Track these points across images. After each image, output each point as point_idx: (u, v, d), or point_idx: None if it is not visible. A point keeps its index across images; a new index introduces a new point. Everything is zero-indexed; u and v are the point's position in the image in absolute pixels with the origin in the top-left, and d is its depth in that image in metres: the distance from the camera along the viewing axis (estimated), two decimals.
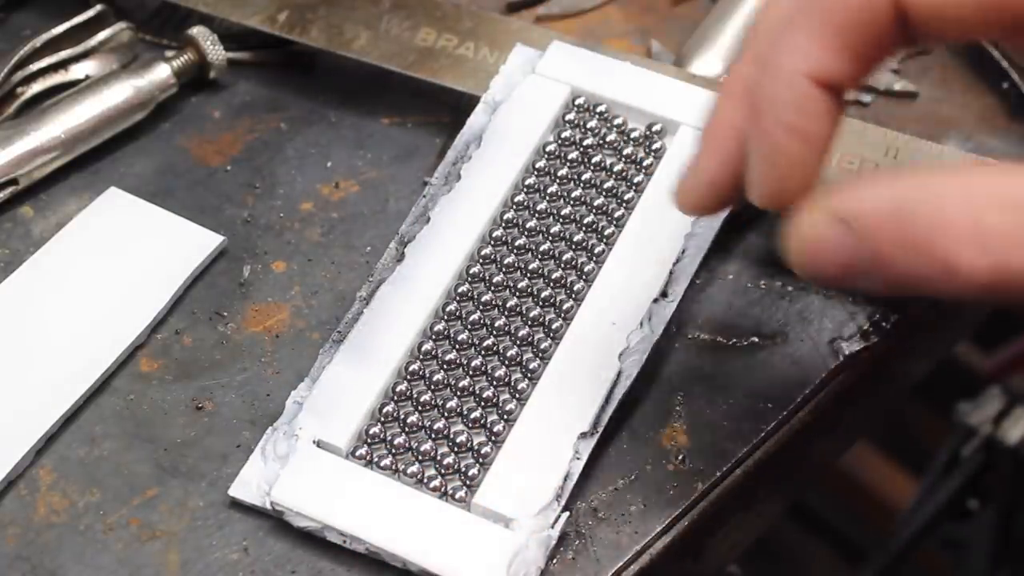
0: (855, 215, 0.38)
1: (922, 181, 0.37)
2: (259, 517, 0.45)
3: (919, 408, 1.24)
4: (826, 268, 0.38)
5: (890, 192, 0.37)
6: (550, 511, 0.44)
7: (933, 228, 0.36)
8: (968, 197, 0.36)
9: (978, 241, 0.36)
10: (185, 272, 0.51)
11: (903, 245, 0.37)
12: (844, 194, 0.38)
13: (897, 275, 0.37)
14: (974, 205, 0.36)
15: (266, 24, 0.57)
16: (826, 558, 1.28)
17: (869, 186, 0.38)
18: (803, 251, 0.39)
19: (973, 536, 1.10)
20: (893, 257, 0.37)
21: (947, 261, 0.36)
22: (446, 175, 0.52)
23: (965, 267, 0.36)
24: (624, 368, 0.47)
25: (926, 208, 0.37)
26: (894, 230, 0.37)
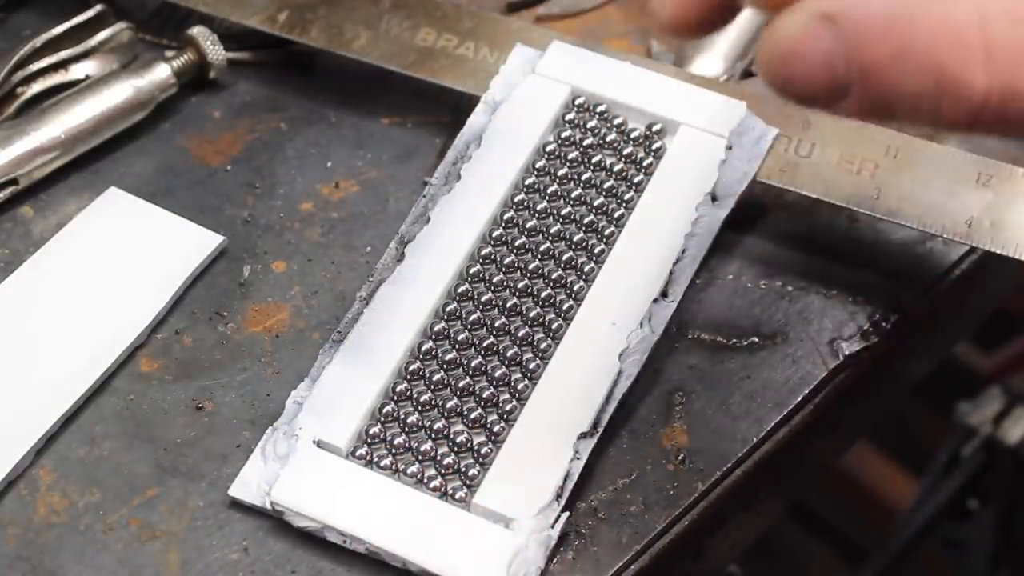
0: (845, 14, 0.33)
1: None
2: (259, 517, 0.45)
3: (919, 408, 1.24)
4: (805, 76, 0.34)
5: None
6: (550, 511, 0.44)
7: (935, 37, 0.33)
8: (978, 5, 0.33)
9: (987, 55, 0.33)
10: (185, 272, 0.51)
11: (898, 54, 0.33)
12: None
13: (887, 90, 0.34)
14: (984, 14, 0.33)
15: (266, 24, 0.57)
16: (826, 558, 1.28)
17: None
18: (781, 55, 0.34)
19: (973, 536, 1.10)
20: (886, 67, 0.33)
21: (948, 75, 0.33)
22: (446, 175, 0.52)
23: (968, 83, 0.33)
24: (624, 368, 0.47)
25: (929, 13, 0.33)
26: (890, 35, 0.33)
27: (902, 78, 0.33)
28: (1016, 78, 0.33)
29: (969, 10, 0.33)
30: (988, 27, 0.33)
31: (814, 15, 0.33)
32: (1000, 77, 0.33)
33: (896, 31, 0.33)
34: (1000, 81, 0.33)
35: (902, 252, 0.53)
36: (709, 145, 0.52)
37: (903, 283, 0.52)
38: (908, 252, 0.53)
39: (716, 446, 0.48)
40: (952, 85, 0.33)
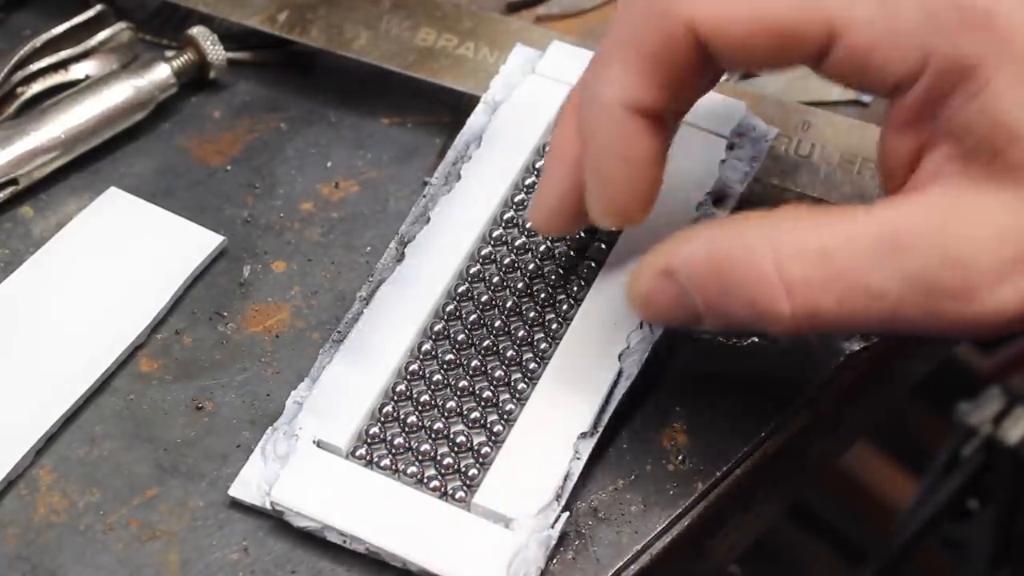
0: (676, 268, 0.42)
1: (736, 230, 0.41)
2: (259, 517, 0.46)
3: (919, 408, 1.24)
4: (663, 316, 0.43)
5: (707, 245, 0.41)
6: (550, 511, 0.44)
7: (745, 278, 0.40)
8: (774, 248, 0.39)
9: (786, 289, 0.39)
10: (185, 272, 0.51)
11: (721, 293, 0.41)
12: (668, 247, 0.42)
13: (724, 319, 0.41)
14: (779, 255, 0.39)
15: (266, 24, 0.57)
16: (826, 558, 1.28)
17: (689, 239, 0.42)
18: (640, 303, 0.43)
19: (973, 536, 1.10)
20: (716, 303, 0.41)
21: (761, 308, 0.40)
22: (446, 175, 0.52)
23: (776, 313, 0.39)
24: (624, 368, 0.47)
25: (738, 259, 0.40)
26: (713, 279, 0.41)
27: (731, 310, 0.41)
28: (811, 303, 0.39)
29: (767, 253, 0.39)
30: (783, 267, 0.39)
31: (657, 271, 0.42)
32: (800, 303, 0.39)
33: (718, 276, 0.41)
34: (801, 305, 0.39)
35: None
36: (709, 145, 0.52)
37: None
38: None
39: (716, 446, 0.48)
40: (766, 314, 0.40)
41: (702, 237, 0.41)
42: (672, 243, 0.42)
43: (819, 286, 0.39)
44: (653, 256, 0.42)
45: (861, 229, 0.39)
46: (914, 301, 0.39)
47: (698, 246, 0.41)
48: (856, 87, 0.43)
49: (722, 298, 0.41)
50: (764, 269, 0.39)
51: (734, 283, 0.40)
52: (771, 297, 0.39)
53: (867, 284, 0.39)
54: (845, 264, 0.39)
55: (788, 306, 0.39)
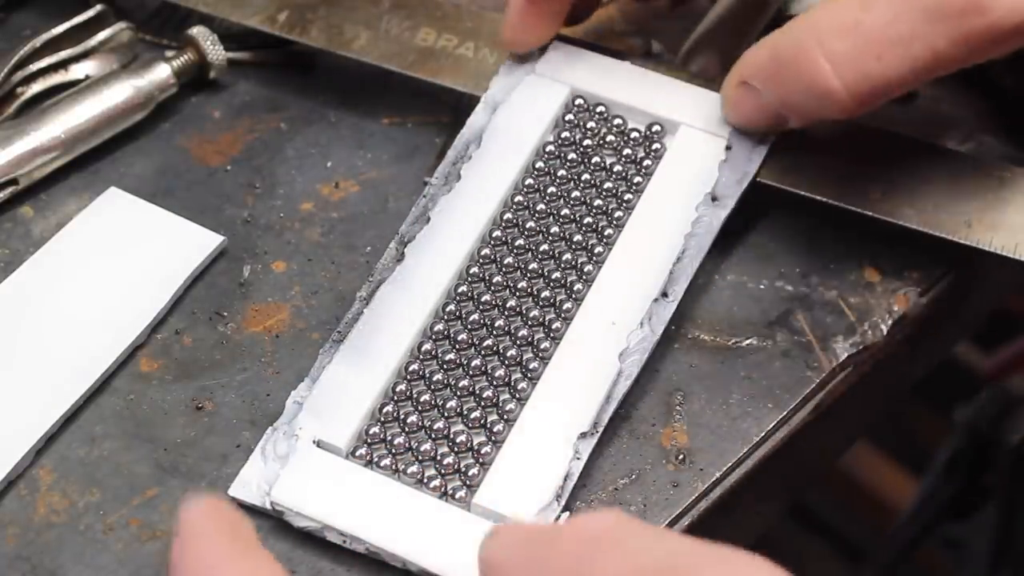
0: (747, 75, 0.49)
1: (788, 28, 0.47)
2: (259, 517, 0.45)
3: (919, 408, 1.23)
4: (752, 120, 0.50)
5: (768, 48, 0.48)
6: (550, 511, 0.44)
7: (797, 66, 0.46)
8: (815, 33, 0.45)
9: (833, 66, 0.45)
10: (185, 272, 0.51)
11: (788, 84, 0.47)
12: (743, 60, 0.49)
13: (798, 109, 0.48)
14: (821, 38, 0.45)
15: (266, 24, 0.57)
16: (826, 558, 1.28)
17: (756, 50, 0.48)
18: (732, 114, 0.51)
19: (973, 536, 1.10)
20: (788, 96, 0.47)
21: (818, 89, 0.46)
22: (446, 175, 0.52)
23: (831, 89, 0.45)
24: (624, 368, 0.47)
25: (788, 51, 0.46)
26: (776, 77, 0.47)
27: (802, 99, 0.47)
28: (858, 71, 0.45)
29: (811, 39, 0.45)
30: (826, 47, 0.45)
31: (735, 83, 0.50)
32: (848, 74, 0.45)
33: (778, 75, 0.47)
34: (850, 77, 0.45)
35: (902, 252, 0.53)
36: (709, 145, 0.52)
37: (903, 283, 0.52)
38: (908, 252, 0.53)
39: (716, 446, 0.48)
40: (823, 94, 0.46)
41: (765, 43, 0.48)
42: (744, 58, 0.49)
43: (860, 52, 0.45)
44: (733, 71, 0.50)
45: None
46: (941, 32, 0.44)
47: (762, 51, 0.48)
48: None
49: (789, 92, 0.47)
50: (810, 54, 0.45)
51: (790, 74, 0.46)
52: (822, 76, 0.45)
53: (897, 33, 0.44)
54: (875, 24, 0.44)
55: (839, 81, 0.45)
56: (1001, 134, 0.57)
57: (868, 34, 0.45)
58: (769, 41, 0.48)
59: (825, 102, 0.46)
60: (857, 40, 0.45)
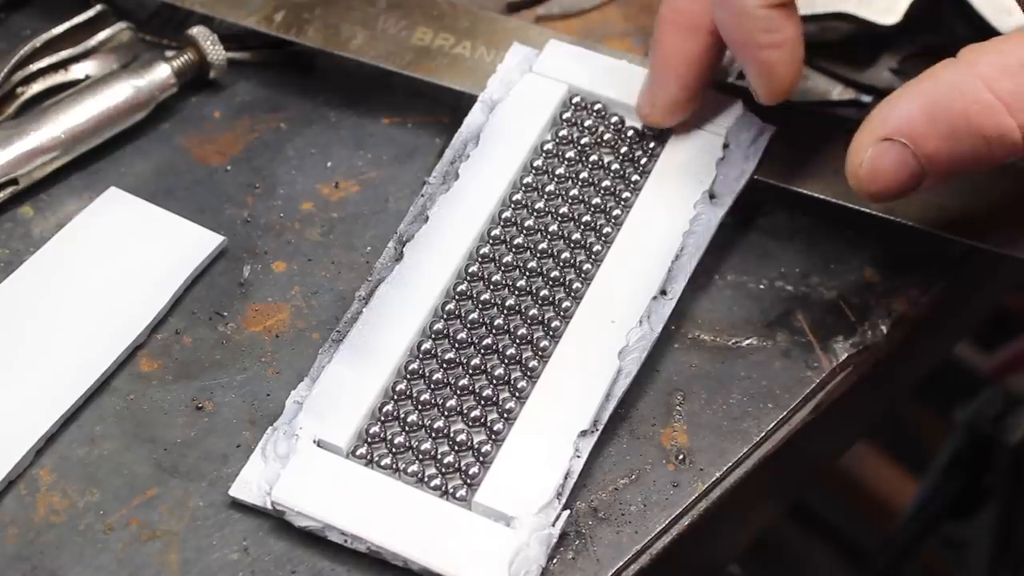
0: (894, 131, 0.44)
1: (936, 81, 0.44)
2: (259, 517, 0.46)
3: (919, 408, 1.23)
4: (890, 183, 0.45)
5: (918, 99, 0.44)
6: (551, 509, 0.44)
7: (967, 112, 0.43)
8: (980, 77, 0.43)
9: (1007, 107, 0.43)
10: (185, 272, 0.51)
11: (946, 137, 0.44)
12: (879, 117, 0.45)
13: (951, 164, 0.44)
14: (988, 81, 0.43)
15: (263, 24, 0.57)
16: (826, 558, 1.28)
17: (896, 103, 0.45)
18: (865, 177, 0.45)
19: (973, 536, 1.10)
20: (942, 150, 0.44)
21: (990, 132, 0.43)
22: (444, 174, 0.52)
23: (1005, 130, 0.43)
24: (623, 366, 0.47)
25: (954, 99, 0.43)
26: (934, 128, 0.44)
27: (959, 150, 0.44)
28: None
29: (977, 83, 0.43)
30: (996, 89, 0.43)
31: (876, 140, 0.45)
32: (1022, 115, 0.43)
33: (937, 123, 0.44)
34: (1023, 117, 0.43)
35: (902, 252, 0.53)
36: (707, 143, 0.52)
37: (903, 283, 0.52)
38: (908, 252, 0.53)
39: (716, 446, 0.48)
40: (995, 137, 0.43)
41: (907, 97, 0.44)
42: (880, 113, 0.45)
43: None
44: (867, 130, 0.45)
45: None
46: None
47: (909, 104, 0.44)
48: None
49: (948, 142, 0.44)
50: (981, 97, 0.43)
51: (957, 123, 0.43)
52: (996, 118, 0.43)
53: None
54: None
55: (1013, 120, 0.43)
56: None
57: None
58: (915, 91, 0.44)
59: (997, 146, 0.43)
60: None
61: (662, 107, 0.52)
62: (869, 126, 0.45)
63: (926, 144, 0.44)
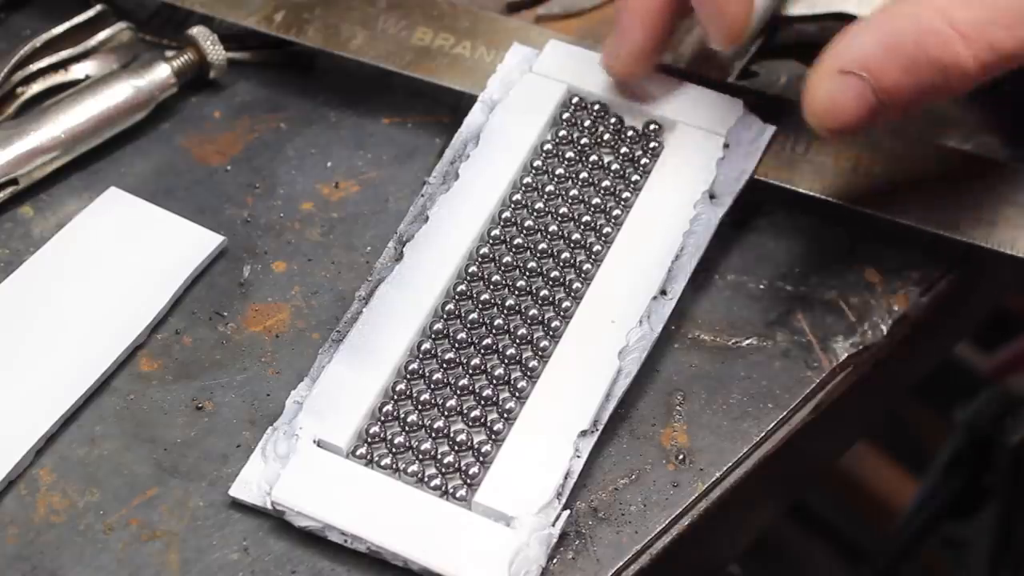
0: (850, 63, 0.44)
1: (893, 12, 0.44)
2: (259, 517, 0.46)
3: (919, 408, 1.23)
4: (849, 117, 0.45)
5: (874, 32, 0.44)
6: (551, 509, 0.44)
7: (923, 42, 0.43)
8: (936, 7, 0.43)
9: (961, 37, 0.43)
10: (185, 272, 0.51)
11: (904, 68, 0.44)
12: (835, 51, 0.45)
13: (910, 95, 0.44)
14: (944, 10, 0.43)
15: (263, 24, 0.57)
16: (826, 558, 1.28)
17: (853, 35, 0.45)
18: (823, 112, 0.45)
19: (973, 536, 1.10)
20: (900, 81, 0.44)
21: (946, 61, 0.43)
22: (444, 174, 0.52)
23: (961, 60, 0.43)
24: (623, 366, 0.47)
25: (909, 30, 0.43)
26: (891, 59, 0.44)
27: (916, 82, 0.44)
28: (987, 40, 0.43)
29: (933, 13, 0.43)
30: (952, 18, 0.43)
31: (833, 73, 0.44)
32: (977, 44, 0.43)
33: (895, 54, 0.44)
34: (978, 47, 0.43)
35: (902, 252, 0.53)
36: (707, 143, 0.52)
37: (903, 283, 0.52)
38: (907, 251, 0.53)
39: (716, 446, 0.48)
40: (951, 66, 0.43)
41: (865, 30, 0.44)
42: (837, 47, 0.45)
43: (988, 22, 0.43)
44: (824, 64, 0.45)
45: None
46: None
47: (867, 37, 0.44)
48: None
49: (906, 73, 0.44)
50: (936, 26, 0.43)
51: (913, 54, 0.43)
52: (952, 48, 0.43)
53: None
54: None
55: (968, 51, 0.43)
56: (1001, 134, 0.57)
57: (995, 4, 0.43)
58: (872, 24, 0.45)
59: (951, 76, 0.44)
60: (984, 10, 0.43)
61: (626, 57, 0.52)
62: (826, 60, 0.45)
63: (884, 77, 0.44)
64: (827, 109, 0.45)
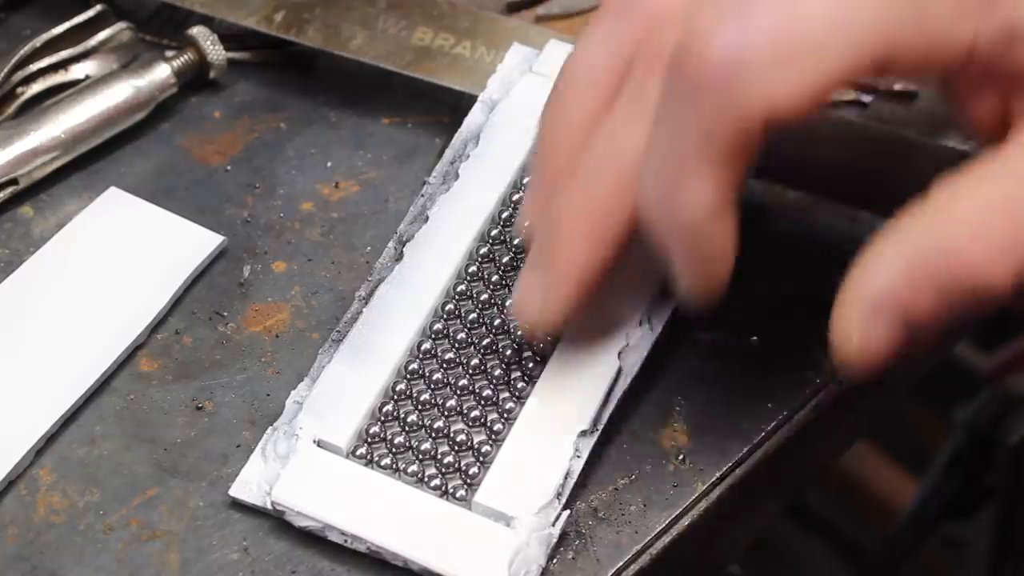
0: (881, 299, 0.39)
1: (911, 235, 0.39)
2: (259, 517, 0.46)
3: (919, 408, 1.23)
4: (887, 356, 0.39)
5: (899, 261, 0.39)
6: (551, 509, 0.44)
7: (955, 266, 0.38)
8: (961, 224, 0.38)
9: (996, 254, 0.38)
10: (185, 272, 0.51)
11: (938, 296, 0.38)
12: (858, 288, 0.39)
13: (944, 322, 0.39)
14: (970, 227, 0.38)
15: (263, 24, 0.57)
16: (826, 558, 1.28)
17: (874, 268, 0.39)
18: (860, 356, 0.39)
19: (973, 536, 1.10)
20: (939, 309, 0.38)
21: (983, 284, 0.38)
22: (444, 174, 0.52)
23: (998, 280, 0.38)
24: (624, 366, 0.47)
25: (937, 254, 0.38)
26: (924, 288, 0.38)
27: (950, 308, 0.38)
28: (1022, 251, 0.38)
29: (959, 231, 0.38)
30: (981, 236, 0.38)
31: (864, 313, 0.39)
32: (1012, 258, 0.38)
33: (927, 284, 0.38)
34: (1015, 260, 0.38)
35: None
36: None
37: None
38: None
39: (716, 446, 0.48)
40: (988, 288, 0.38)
41: (887, 258, 0.39)
42: (860, 281, 0.39)
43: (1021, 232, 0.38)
44: (849, 301, 0.39)
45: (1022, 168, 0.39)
46: None
47: (890, 267, 0.39)
48: None
49: (940, 302, 0.38)
50: (967, 247, 0.38)
51: (946, 280, 0.38)
52: (987, 268, 0.38)
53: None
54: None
55: (1003, 268, 0.38)
56: None
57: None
58: (895, 251, 0.39)
59: (987, 297, 0.39)
60: (1015, 220, 0.38)
61: (550, 315, 0.45)
62: (852, 295, 0.39)
63: (917, 309, 0.39)
64: (862, 351, 0.39)
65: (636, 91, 0.43)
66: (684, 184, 0.40)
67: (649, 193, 0.42)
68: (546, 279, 0.44)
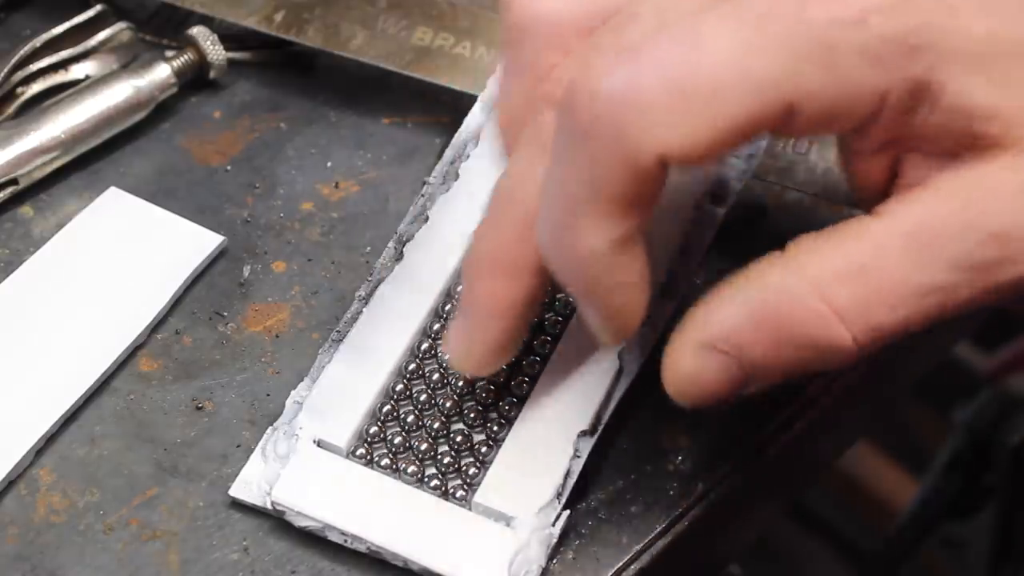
0: (716, 337, 0.39)
1: (763, 282, 0.39)
2: (259, 517, 0.46)
3: (919, 408, 1.24)
4: (712, 392, 0.40)
5: (742, 305, 0.39)
6: (551, 509, 0.44)
7: (797, 321, 0.38)
8: (811, 283, 0.38)
9: (840, 317, 0.38)
10: (185, 272, 0.51)
11: (774, 347, 0.39)
12: (697, 321, 0.40)
13: (779, 372, 0.40)
14: (820, 287, 0.38)
15: (263, 24, 0.57)
16: (826, 558, 1.28)
17: (718, 305, 0.40)
18: (685, 386, 0.41)
19: (973, 536, 1.10)
20: (770, 359, 0.39)
21: (823, 343, 0.38)
22: (444, 174, 0.52)
23: (839, 343, 0.38)
24: (624, 366, 0.47)
25: (782, 307, 0.38)
26: (761, 337, 0.39)
27: (788, 360, 0.39)
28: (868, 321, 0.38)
29: (807, 290, 0.38)
30: (829, 297, 0.38)
31: (696, 347, 0.40)
32: (856, 326, 0.38)
33: (764, 330, 0.39)
34: (860, 327, 0.38)
35: None
36: None
37: None
38: None
39: (716, 446, 0.48)
40: (828, 348, 0.38)
41: (731, 300, 0.40)
42: (699, 316, 0.40)
43: (870, 302, 0.38)
44: (685, 335, 0.40)
45: (885, 235, 0.38)
46: (966, 282, 0.38)
47: (733, 309, 0.39)
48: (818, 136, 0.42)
49: (776, 352, 0.39)
50: (812, 305, 0.38)
51: (786, 332, 0.39)
52: (829, 330, 0.38)
53: (916, 283, 0.38)
54: (887, 272, 0.38)
55: (848, 333, 0.38)
56: None
57: (878, 283, 0.38)
58: (739, 297, 0.39)
59: (828, 356, 0.39)
60: (867, 289, 0.38)
61: (479, 357, 0.44)
62: (688, 331, 0.40)
63: (752, 352, 0.39)
64: (690, 383, 0.40)
65: (534, 129, 0.42)
66: (573, 227, 0.40)
67: (542, 237, 0.41)
68: (468, 324, 0.44)
